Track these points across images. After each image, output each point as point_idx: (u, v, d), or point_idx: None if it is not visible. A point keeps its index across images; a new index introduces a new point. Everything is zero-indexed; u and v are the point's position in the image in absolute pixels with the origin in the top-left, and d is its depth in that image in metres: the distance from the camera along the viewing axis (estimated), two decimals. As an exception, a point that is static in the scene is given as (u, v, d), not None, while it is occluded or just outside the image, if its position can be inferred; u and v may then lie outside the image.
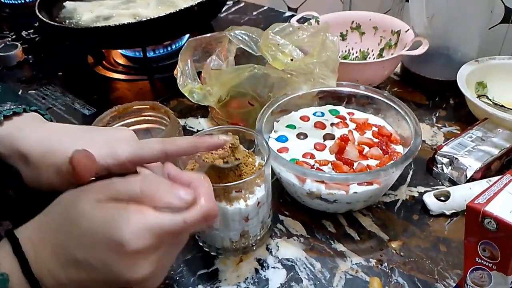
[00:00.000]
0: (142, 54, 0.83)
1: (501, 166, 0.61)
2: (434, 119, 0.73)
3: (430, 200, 0.56)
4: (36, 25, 1.10)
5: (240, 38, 0.68)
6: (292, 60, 0.60)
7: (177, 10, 0.71)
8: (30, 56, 0.97)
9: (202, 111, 0.77)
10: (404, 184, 0.61)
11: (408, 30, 0.77)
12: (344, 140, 0.57)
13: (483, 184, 0.56)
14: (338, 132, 0.60)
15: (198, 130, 0.73)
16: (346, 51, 0.87)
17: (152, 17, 0.69)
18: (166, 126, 0.62)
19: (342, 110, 0.66)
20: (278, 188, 0.60)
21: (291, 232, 0.56)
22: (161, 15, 0.69)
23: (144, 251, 0.33)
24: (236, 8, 1.17)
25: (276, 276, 0.50)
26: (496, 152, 0.59)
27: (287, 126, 0.63)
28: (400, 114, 0.59)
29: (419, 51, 0.71)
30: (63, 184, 0.37)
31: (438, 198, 0.56)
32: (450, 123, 0.72)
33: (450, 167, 0.60)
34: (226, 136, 0.44)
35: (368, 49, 0.85)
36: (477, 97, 0.69)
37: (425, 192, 0.59)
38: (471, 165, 0.58)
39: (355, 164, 0.55)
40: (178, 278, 0.50)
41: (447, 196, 0.56)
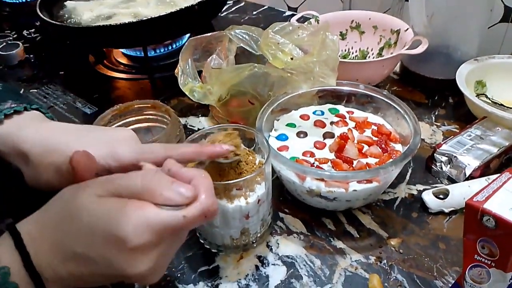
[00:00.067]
0: (143, 53, 0.83)
1: (500, 164, 0.61)
2: (433, 118, 0.73)
3: (429, 198, 0.57)
4: (37, 24, 1.10)
5: (240, 37, 0.68)
6: (292, 59, 0.61)
7: (177, 10, 0.71)
8: (31, 55, 0.98)
9: (203, 110, 0.78)
10: (403, 182, 0.61)
11: (407, 29, 0.78)
12: (344, 138, 0.57)
13: (482, 182, 0.56)
14: (338, 131, 0.61)
15: (198, 129, 0.74)
16: (345, 50, 0.88)
17: (152, 16, 0.69)
18: (167, 124, 0.62)
19: (342, 109, 0.66)
20: (278, 186, 0.60)
21: (291, 229, 0.56)
22: (161, 14, 0.69)
23: (144, 247, 0.33)
24: (236, 7, 1.17)
25: (276, 273, 0.51)
26: (495, 150, 0.59)
27: (287, 125, 0.63)
28: (399, 113, 0.60)
29: (419, 50, 0.71)
30: (63, 184, 0.37)
31: (437, 196, 0.57)
32: (449, 122, 0.72)
33: (449, 165, 0.60)
34: (228, 145, 0.45)
35: (367, 48, 0.86)
36: (476, 96, 0.69)
37: (424, 190, 0.59)
38: (470, 163, 0.58)
39: (355, 162, 0.55)
40: (179, 275, 0.51)
41: (446, 194, 0.57)
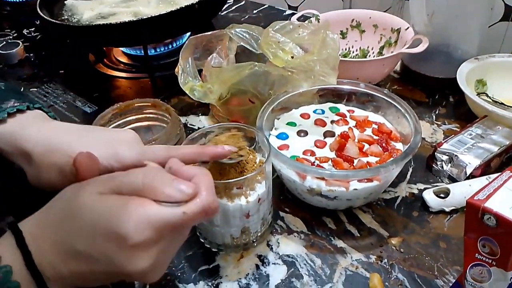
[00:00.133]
0: (143, 52, 0.83)
1: (500, 163, 0.61)
2: (434, 117, 0.73)
3: (429, 197, 0.57)
4: (37, 23, 1.10)
5: (240, 36, 0.68)
6: (292, 57, 0.60)
7: (177, 8, 0.71)
8: (32, 54, 0.98)
9: (203, 109, 0.78)
10: (404, 181, 0.61)
11: (408, 28, 0.77)
12: (344, 137, 0.57)
13: (482, 181, 0.56)
14: (338, 130, 0.61)
15: (199, 128, 0.73)
16: (346, 49, 0.88)
17: (153, 15, 0.69)
18: (167, 123, 0.62)
19: (342, 108, 0.66)
20: (279, 185, 0.60)
21: (291, 228, 0.56)
22: (162, 13, 0.69)
23: (145, 243, 0.33)
24: (237, 6, 1.17)
25: (277, 272, 0.51)
26: (495, 149, 0.59)
27: (288, 124, 0.63)
28: (400, 112, 0.60)
29: (419, 49, 0.71)
30: (65, 184, 0.37)
31: (438, 195, 0.57)
32: (449, 121, 0.72)
33: (449, 164, 0.60)
34: (230, 146, 0.45)
35: (368, 47, 0.86)
36: (476, 94, 0.69)
37: (424, 189, 0.59)
38: (471, 162, 0.58)
39: (355, 161, 0.55)
40: (179, 274, 0.51)
41: (446, 193, 0.56)
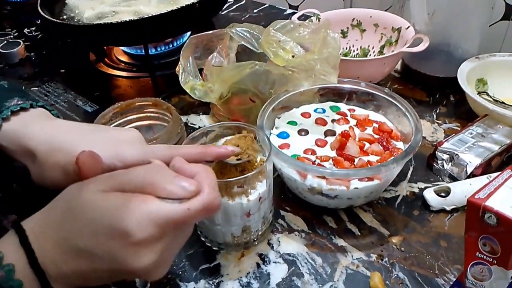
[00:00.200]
0: (143, 51, 0.83)
1: (501, 162, 0.61)
2: (435, 116, 0.73)
3: (430, 196, 0.57)
4: (38, 22, 1.10)
5: (241, 35, 0.68)
6: (293, 56, 0.60)
7: (178, 7, 0.71)
8: (32, 54, 0.98)
9: (204, 108, 0.78)
10: (404, 180, 0.61)
11: (408, 27, 0.77)
12: (345, 136, 0.57)
13: (483, 180, 0.56)
14: (339, 129, 0.61)
15: (199, 127, 0.74)
16: (346, 48, 0.88)
17: (153, 14, 0.69)
18: (168, 122, 0.62)
19: (343, 107, 0.66)
20: (280, 184, 0.60)
21: (292, 227, 0.56)
22: (162, 12, 0.69)
23: (148, 240, 0.33)
24: (237, 5, 1.17)
25: (278, 271, 0.51)
26: (496, 148, 0.59)
27: (288, 123, 0.63)
28: (400, 111, 0.60)
29: (420, 48, 0.71)
30: (69, 183, 0.38)
31: (439, 194, 0.57)
32: (450, 120, 0.72)
33: (450, 163, 0.60)
34: (233, 146, 0.45)
35: (368, 46, 0.86)
36: (477, 93, 0.69)
37: (425, 188, 0.59)
38: (472, 161, 0.58)
39: (356, 160, 0.55)
40: (180, 272, 0.51)
41: (447, 192, 0.57)
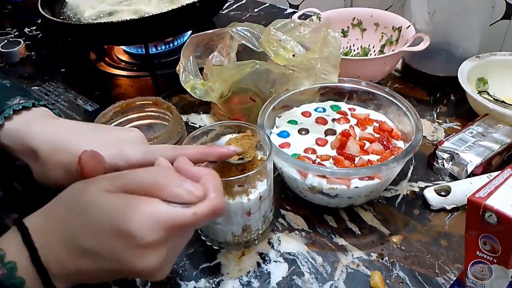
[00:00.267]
0: (144, 50, 0.83)
1: (501, 161, 0.61)
2: (435, 115, 0.73)
3: (430, 195, 0.57)
4: (39, 21, 1.10)
5: (242, 34, 0.68)
6: (294, 55, 0.60)
7: (179, 7, 0.71)
8: (33, 53, 0.98)
9: (204, 107, 0.78)
10: (405, 179, 0.61)
11: (409, 26, 0.77)
12: (346, 135, 0.57)
13: (483, 179, 0.56)
14: (340, 128, 0.61)
15: (200, 126, 0.74)
16: (347, 48, 0.88)
17: (154, 13, 0.69)
18: (168, 122, 0.62)
19: (344, 106, 0.66)
20: (280, 183, 0.60)
21: (292, 226, 0.56)
22: (163, 11, 0.69)
23: (155, 243, 0.33)
24: (238, 5, 1.17)
25: (278, 270, 0.51)
26: (496, 147, 0.59)
27: (289, 122, 0.63)
28: (401, 110, 0.60)
29: (420, 47, 0.71)
30: (71, 182, 0.38)
31: (439, 193, 0.57)
32: (451, 119, 0.72)
33: (450, 163, 0.60)
34: (235, 146, 0.45)
35: (369, 45, 0.86)
36: (478, 93, 0.69)
37: (425, 187, 0.59)
38: (472, 160, 0.58)
39: (357, 159, 0.55)
40: (180, 271, 0.51)
41: (447, 191, 0.57)
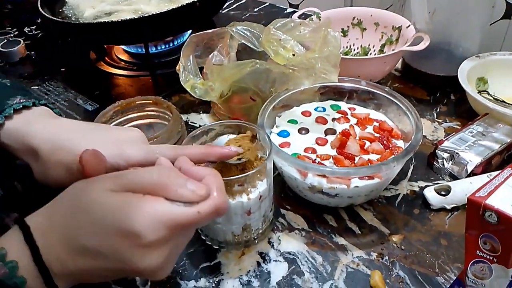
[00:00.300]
0: (144, 50, 0.83)
1: (501, 161, 0.61)
2: (435, 115, 0.73)
3: (431, 194, 0.57)
4: (39, 21, 1.10)
5: (242, 33, 0.68)
6: (294, 55, 0.60)
7: (179, 6, 0.71)
8: (33, 52, 0.98)
9: (204, 106, 0.78)
10: (405, 178, 0.61)
11: (409, 26, 0.77)
12: (346, 135, 0.57)
13: (483, 178, 0.56)
14: (340, 127, 0.61)
15: (200, 126, 0.74)
16: (347, 47, 0.87)
17: (154, 12, 0.69)
18: (168, 121, 0.62)
19: (344, 105, 0.66)
20: (280, 182, 0.60)
21: (292, 226, 0.56)
22: (163, 10, 0.69)
23: (158, 242, 0.33)
24: (238, 4, 1.17)
25: (278, 269, 0.51)
26: (496, 147, 0.59)
27: (289, 121, 0.63)
28: (401, 109, 0.60)
29: (420, 46, 0.71)
30: (72, 182, 0.37)
31: (439, 193, 0.57)
32: (451, 119, 0.72)
33: (450, 162, 0.60)
34: (236, 147, 0.45)
35: (369, 45, 0.86)
36: (478, 92, 0.69)
37: (425, 186, 0.59)
38: (472, 159, 0.58)
39: (357, 159, 0.55)
40: (180, 271, 0.51)
41: (447, 190, 0.57)
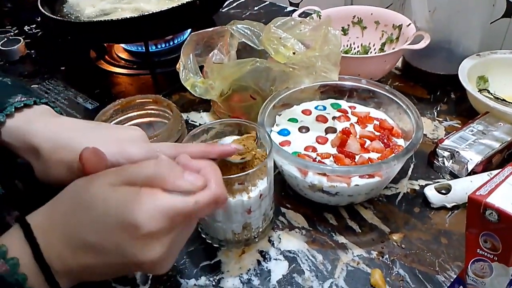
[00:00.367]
0: (144, 48, 0.83)
1: (502, 159, 0.61)
2: (436, 113, 0.73)
3: (431, 193, 0.57)
4: (39, 19, 1.10)
5: (242, 32, 0.68)
6: (294, 53, 0.60)
7: (179, 5, 0.71)
8: (33, 51, 0.98)
9: (204, 105, 0.78)
10: (405, 177, 0.61)
11: (409, 24, 0.77)
12: (346, 133, 0.57)
13: (484, 177, 0.56)
14: (340, 126, 0.61)
15: (200, 124, 0.74)
16: (347, 46, 0.87)
17: (154, 11, 0.69)
18: (168, 119, 0.62)
19: (344, 104, 0.66)
20: (280, 181, 0.60)
21: (293, 224, 0.56)
22: (163, 9, 0.69)
23: (158, 233, 0.33)
24: (238, 3, 1.17)
25: (278, 268, 0.51)
26: (497, 145, 0.59)
27: (289, 120, 0.63)
28: (401, 108, 0.59)
29: (421, 45, 0.71)
30: (73, 180, 0.38)
31: (439, 191, 0.57)
32: (451, 117, 0.72)
33: (451, 161, 0.60)
34: (237, 144, 0.45)
35: (369, 43, 0.85)
36: (478, 91, 0.69)
37: (426, 185, 0.59)
38: (472, 158, 0.58)
39: (357, 157, 0.55)
40: (181, 269, 0.51)
41: (448, 189, 0.56)
